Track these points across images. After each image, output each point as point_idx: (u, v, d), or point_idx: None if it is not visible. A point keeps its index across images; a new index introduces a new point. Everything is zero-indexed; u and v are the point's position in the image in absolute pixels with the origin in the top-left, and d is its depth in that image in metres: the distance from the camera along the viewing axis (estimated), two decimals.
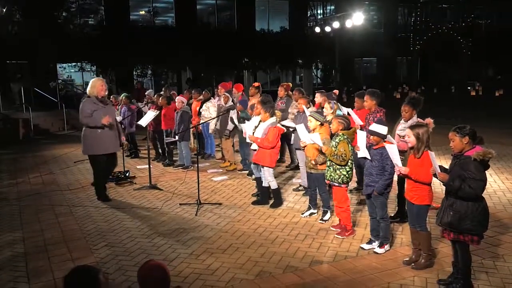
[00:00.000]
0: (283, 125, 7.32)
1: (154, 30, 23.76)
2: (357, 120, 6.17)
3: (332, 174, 5.43)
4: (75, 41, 19.70)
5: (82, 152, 7.23)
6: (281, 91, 8.73)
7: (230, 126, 8.74)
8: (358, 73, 33.96)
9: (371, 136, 4.83)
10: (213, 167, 9.38)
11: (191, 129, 9.66)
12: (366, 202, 5.17)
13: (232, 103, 9.02)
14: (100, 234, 5.73)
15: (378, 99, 6.24)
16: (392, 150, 4.43)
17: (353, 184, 7.12)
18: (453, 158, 4.02)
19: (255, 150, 6.60)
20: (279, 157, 8.08)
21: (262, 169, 6.58)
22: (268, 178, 6.54)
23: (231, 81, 11.41)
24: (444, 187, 4.02)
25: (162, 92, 10.80)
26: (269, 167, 6.49)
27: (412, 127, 4.41)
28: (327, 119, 6.03)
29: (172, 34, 23.10)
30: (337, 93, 7.75)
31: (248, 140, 6.73)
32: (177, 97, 9.22)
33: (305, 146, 5.92)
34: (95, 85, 6.91)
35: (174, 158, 9.87)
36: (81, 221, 6.27)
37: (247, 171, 8.51)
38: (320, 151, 5.63)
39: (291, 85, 9.17)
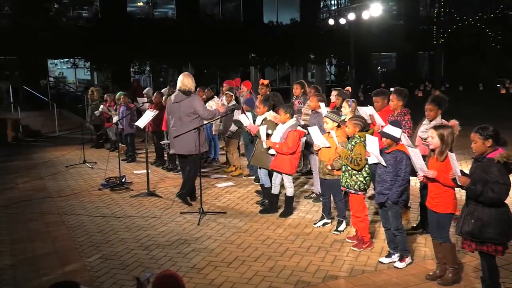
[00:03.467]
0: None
1: (153, 22, 23.86)
2: (379, 121, 6.03)
3: (348, 180, 5.39)
4: (68, 35, 19.83)
5: (187, 151, 7.16)
6: (297, 89, 8.68)
7: (233, 127, 8.73)
8: (376, 69, 33.86)
9: (383, 139, 4.79)
10: (217, 172, 9.38)
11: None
12: (379, 212, 5.13)
13: (235, 102, 8.99)
14: (93, 245, 5.73)
15: (405, 99, 6.00)
16: (415, 155, 4.40)
17: (371, 191, 7.06)
18: (474, 160, 4.02)
19: (273, 155, 6.55)
20: None
21: (277, 176, 6.54)
22: (287, 185, 6.53)
23: (239, 78, 11.38)
24: (464, 193, 3.99)
25: (163, 90, 10.80)
26: (289, 174, 6.47)
27: (436, 128, 4.39)
28: (346, 120, 5.98)
29: (172, 27, 23.18)
30: (350, 90, 7.67)
31: (264, 146, 6.66)
32: None
33: (318, 150, 5.88)
34: (192, 80, 7.21)
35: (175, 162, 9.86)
36: (73, 230, 6.28)
37: (254, 177, 8.49)
38: (339, 155, 5.57)
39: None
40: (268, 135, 6.58)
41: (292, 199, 6.71)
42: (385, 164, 4.77)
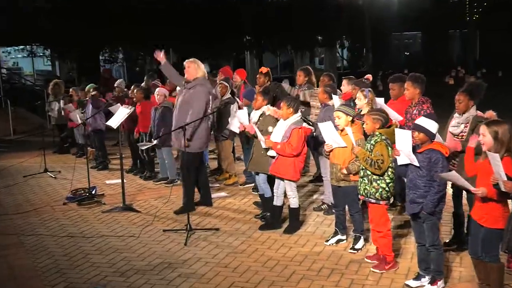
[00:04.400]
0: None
1: (127, 0, 23.85)
2: (394, 115, 6.12)
3: (367, 187, 5.40)
4: (24, 17, 19.80)
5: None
6: (300, 76, 8.71)
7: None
8: (397, 52, 33.97)
9: (416, 134, 4.80)
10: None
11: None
12: (412, 224, 5.13)
13: (230, 95, 9.00)
14: (59, 272, 5.72)
15: (423, 86, 6.23)
16: (457, 179, 4.37)
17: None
18: None
19: (273, 157, 6.55)
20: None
21: (280, 183, 6.55)
22: (290, 194, 6.54)
23: (228, 66, 11.41)
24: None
25: (144, 84, 10.79)
26: (292, 181, 6.49)
27: (488, 124, 4.36)
28: (361, 114, 5.99)
29: (150, 6, 23.16)
30: (371, 79, 7.72)
31: (263, 145, 6.67)
32: (158, 89, 9.21)
33: (330, 151, 5.89)
34: None
35: (155, 170, 9.87)
36: (34, 254, 6.26)
37: (252, 185, 8.51)
38: (356, 156, 5.57)
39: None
40: (268, 133, 6.60)
41: (297, 212, 6.71)
42: (418, 164, 4.77)
